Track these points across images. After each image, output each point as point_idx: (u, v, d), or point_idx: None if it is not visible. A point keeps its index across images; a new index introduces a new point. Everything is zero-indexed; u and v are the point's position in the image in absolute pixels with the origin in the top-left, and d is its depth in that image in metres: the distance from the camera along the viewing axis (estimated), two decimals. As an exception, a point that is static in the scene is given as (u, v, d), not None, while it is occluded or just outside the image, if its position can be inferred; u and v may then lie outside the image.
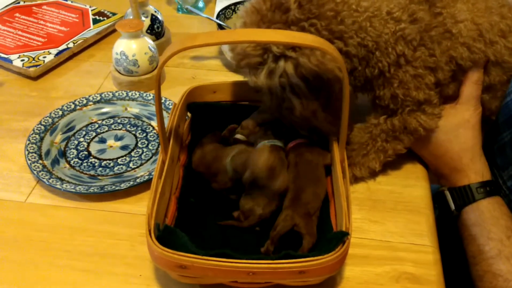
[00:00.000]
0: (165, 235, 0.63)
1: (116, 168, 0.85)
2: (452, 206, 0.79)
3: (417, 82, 0.75)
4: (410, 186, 0.83)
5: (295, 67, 0.69)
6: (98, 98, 0.97)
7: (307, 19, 0.69)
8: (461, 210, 0.78)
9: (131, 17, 1.06)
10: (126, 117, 0.95)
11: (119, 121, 0.95)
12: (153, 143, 0.90)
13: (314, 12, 0.69)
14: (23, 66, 1.05)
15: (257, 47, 0.70)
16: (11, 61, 1.06)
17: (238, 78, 1.03)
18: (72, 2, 1.26)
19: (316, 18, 0.70)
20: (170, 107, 0.92)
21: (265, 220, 0.72)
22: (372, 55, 0.74)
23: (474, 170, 0.78)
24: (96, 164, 0.86)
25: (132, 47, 0.99)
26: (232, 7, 1.13)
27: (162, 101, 0.95)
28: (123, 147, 0.89)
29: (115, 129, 0.93)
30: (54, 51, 1.09)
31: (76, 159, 0.87)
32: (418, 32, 0.74)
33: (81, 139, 0.90)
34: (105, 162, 0.86)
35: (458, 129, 0.79)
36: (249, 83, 0.74)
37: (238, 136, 0.82)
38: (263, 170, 0.73)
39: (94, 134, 0.92)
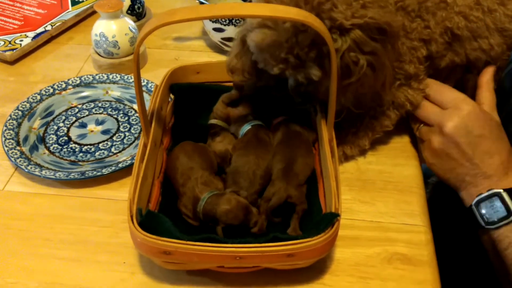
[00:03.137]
0: (147, 221, 0.61)
1: (97, 153, 0.82)
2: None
3: (410, 55, 0.74)
4: (400, 165, 0.81)
5: (364, 31, 0.63)
6: (78, 82, 0.94)
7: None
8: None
9: (110, -2, 1.03)
10: (107, 101, 0.92)
11: (100, 105, 0.91)
12: (135, 127, 0.87)
13: None
14: (-2, 50, 1.01)
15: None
16: (-14, 45, 1.02)
17: (222, 58, 1.00)
18: (49, -17, 1.22)
19: None
20: (153, 89, 0.90)
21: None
22: None
23: None
24: (77, 150, 0.83)
25: (112, 28, 0.96)
26: (215, -15, 1.10)
27: (144, 83, 0.92)
28: (105, 132, 0.86)
29: (96, 113, 0.90)
30: (31, 34, 1.06)
31: (56, 145, 0.84)
32: (417, 3, 0.72)
33: (61, 124, 0.87)
34: (86, 147, 0.84)
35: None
36: (305, 80, 0.68)
37: (213, 121, 0.80)
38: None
39: (74, 118, 0.89)
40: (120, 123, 0.88)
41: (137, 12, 1.07)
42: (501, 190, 0.70)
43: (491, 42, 0.76)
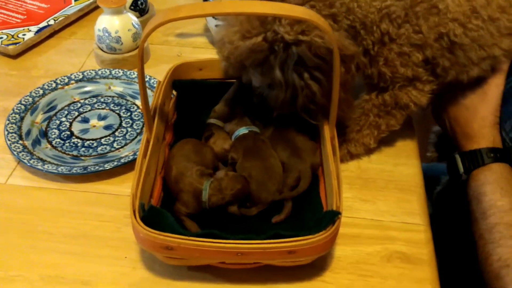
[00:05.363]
0: (150, 216, 0.62)
1: (99, 148, 0.83)
2: (461, 169, 0.78)
3: (403, 60, 0.73)
4: (401, 164, 0.81)
5: (309, 50, 0.67)
6: (81, 77, 0.94)
7: (306, 2, 0.68)
8: (471, 173, 0.77)
9: (113, -7, 1.03)
10: (110, 96, 0.92)
11: (102, 100, 0.92)
12: (137, 122, 0.87)
13: None
14: (1, 44, 1.01)
15: (262, 42, 0.67)
16: (-11, 39, 1.02)
17: (225, 55, 1.01)
18: (52, -22, 1.22)
19: (314, 1, 0.68)
20: (155, 85, 0.90)
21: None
22: (358, 34, 0.72)
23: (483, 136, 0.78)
24: (79, 144, 0.83)
25: (115, 24, 0.96)
26: (219, -18, 1.10)
27: (147, 79, 0.92)
28: (107, 127, 0.87)
29: (98, 108, 0.90)
30: (34, 28, 1.06)
31: (58, 139, 0.84)
32: (403, 9, 0.71)
33: (63, 119, 0.88)
34: (88, 142, 0.84)
35: None
36: (254, 84, 0.73)
37: (212, 120, 0.80)
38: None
39: (76, 113, 0.89)
40: (123, 119, 0.88)
41: (140, 8, 1.07)
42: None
43: (502, 47, 0.75)
